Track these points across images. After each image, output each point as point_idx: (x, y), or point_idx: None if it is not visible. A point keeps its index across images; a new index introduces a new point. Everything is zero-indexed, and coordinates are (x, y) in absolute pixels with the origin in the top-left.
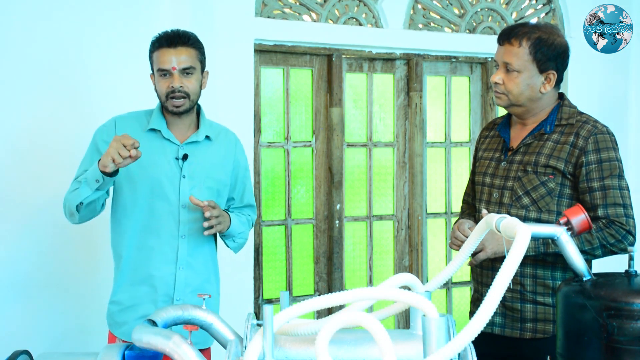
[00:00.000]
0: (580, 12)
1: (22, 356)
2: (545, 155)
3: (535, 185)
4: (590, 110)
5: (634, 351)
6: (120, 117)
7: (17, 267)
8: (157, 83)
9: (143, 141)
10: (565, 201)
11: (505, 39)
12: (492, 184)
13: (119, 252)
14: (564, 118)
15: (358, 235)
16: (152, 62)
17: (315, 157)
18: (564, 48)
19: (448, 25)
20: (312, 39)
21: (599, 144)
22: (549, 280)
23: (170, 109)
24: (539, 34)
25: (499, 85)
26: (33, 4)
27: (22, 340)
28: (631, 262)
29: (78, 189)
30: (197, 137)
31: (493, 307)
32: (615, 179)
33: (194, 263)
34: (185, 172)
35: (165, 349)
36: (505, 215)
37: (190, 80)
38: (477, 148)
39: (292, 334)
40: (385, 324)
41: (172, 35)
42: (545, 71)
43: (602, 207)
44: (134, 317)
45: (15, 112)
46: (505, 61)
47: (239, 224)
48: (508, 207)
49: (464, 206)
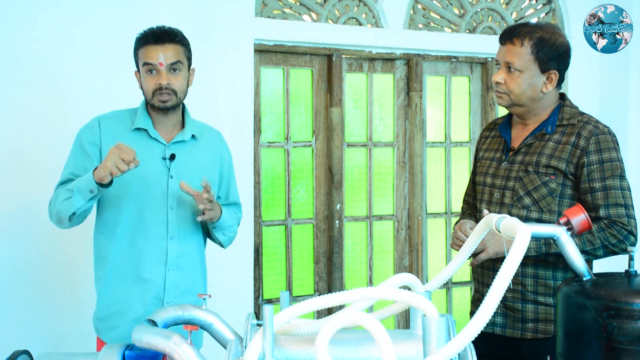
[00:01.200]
0: (580, 12)
1: (22, 356)
2: (546, 156)
3: (536, 185)
4: (590, 110)
5: (634, 351)
6: (104, 117)
7: (17, 267)
8: (144, 80)
9: (129, 141)
10: (567, 201)
11: (507, 38)
12: (494, 184)
13: (104, 255)
14: (565, 118)
15: (358, 235)
16: (137, 58)
17: (315, 157)
18: (566, 48)
19: (448, 25)
20: (312, 39)
21: (600, 145)
22: (550, 280)
23: (157, 104)
24: (540, 33)
25: (501, 85)
26: (21, 4)
27: (22, 340)
28: (631, 262)
29: (70, 198)
30: (184, 136)
31: (493, 307)
32: (617, 179)
33: (184, 264)
34: (173, 172)
35: (165, 349)
36: (505, 216)
37: (177, 78)
38: (478, 148)
39: (292, 334)
40: (385, 324)
41: (158, 31)
42: (547, 71)
43: (604, 208)
44: (125, 321)
45: (7, 111)
46: (507, 61)
47: (229, 217)
48: (509, 207)
49: (464, 206)
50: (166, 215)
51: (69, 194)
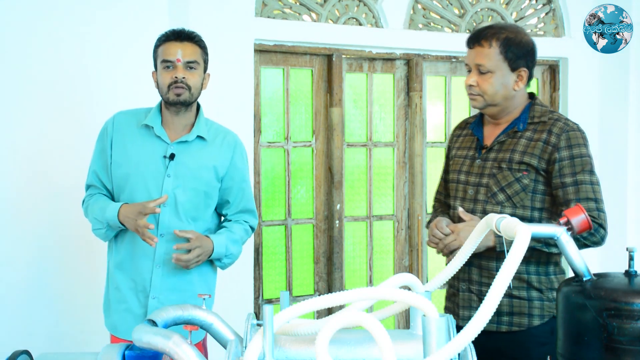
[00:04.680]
0: (580, 12)
1: (22, 356)
2: (519, 152)
3: (510, 181)
4: (590, 110)
5: (634, 351)
6: (122, 113)
7: (17, 267)
8: (160, 75)
9: (135, 137)
10: (539, 197)
11: (475, 41)
12: (467, 181)
13: (110, 244)
14: (536, 116)
15: (358, 235)
16: (156, 56)
17: (315, 157)
18: (532, 46)
19: (448, 25)
20: (312, 39)
21: (570, 141)
22: (524, 274)
23: (171, 98)
24: (506, 33)
25: (474, 88)
26: (31, 5)
27: (22, 340)
28: (631, 262)
29: (102, 230)
30: (189, 137)
31: (493, 307)
32: (587, 174)
33: (171, 262)
34: (171, 172)
35: (165, 349)
36: (505, 216)
37: (193, 75)
38: (450, 147)
39: (292, 334)
40: (385, 324)
41: (179, 31)
42: (517, 69)
43: (575, 202)
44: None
45: (14, 112)
46: (478, 63)
47: (229, 246)
48: (483, 204)
49: (436, 204)
50: (157, 214)
51: (100, 225)
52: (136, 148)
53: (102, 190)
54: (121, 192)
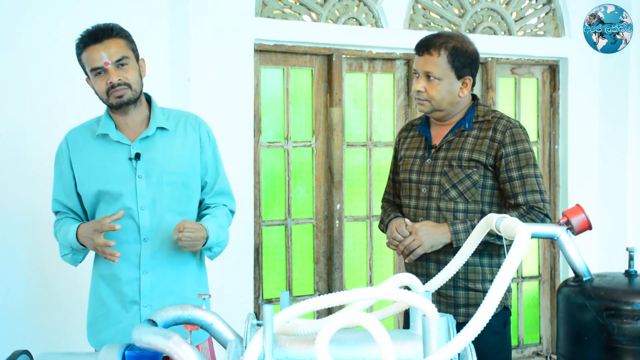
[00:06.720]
0: (580, 12)
1: (22, 356)
2: (467, 150)
3: (460, 178)
4: (590, 110)
5: (634, 351)
6: (71, 132)
7: (17, 267)
8: (95, 84)
9: (94, 149)
10: (488, 191)
11: (425, 49)
12: (419, 180)
13: (93, 260)
14: (480, 116)
15: (358, 235)
16: (82, 64)
17: (315, 157)
18: (476, 55)
19: (448, 25)
20: (312, 39)
21: (514, 137)
22: (479, 267)
23: (114, 103)
24: (454, 43)
25: (422, 93)
26: (30, 5)
27: (22, 340)
28: (631, 262)
29: (69, 255)
30: (148, 131)
31: (493, 307)
32: (531, 168)
33: (159, 266)
34: (141, 172)
35: (165, 349)
36: (504, 216)
37: (127, 71)
38: (398, 148)
39: (292, 334)
40: (385, 324)
41: (94, 31)
42: (462, 77)
43: (522, 195)
44: (108, 325)
45: (14, 112)
46: (426, 70)
47: (219, 232)
48: (437, 201)
49: (384, 204)
50: (137, 217)
51: (66, 250)
52: (98, 160)
53: (69, 214)
54: (95, 209)
